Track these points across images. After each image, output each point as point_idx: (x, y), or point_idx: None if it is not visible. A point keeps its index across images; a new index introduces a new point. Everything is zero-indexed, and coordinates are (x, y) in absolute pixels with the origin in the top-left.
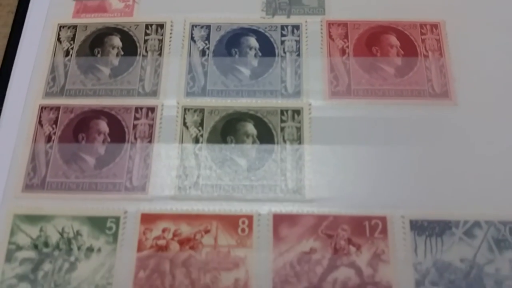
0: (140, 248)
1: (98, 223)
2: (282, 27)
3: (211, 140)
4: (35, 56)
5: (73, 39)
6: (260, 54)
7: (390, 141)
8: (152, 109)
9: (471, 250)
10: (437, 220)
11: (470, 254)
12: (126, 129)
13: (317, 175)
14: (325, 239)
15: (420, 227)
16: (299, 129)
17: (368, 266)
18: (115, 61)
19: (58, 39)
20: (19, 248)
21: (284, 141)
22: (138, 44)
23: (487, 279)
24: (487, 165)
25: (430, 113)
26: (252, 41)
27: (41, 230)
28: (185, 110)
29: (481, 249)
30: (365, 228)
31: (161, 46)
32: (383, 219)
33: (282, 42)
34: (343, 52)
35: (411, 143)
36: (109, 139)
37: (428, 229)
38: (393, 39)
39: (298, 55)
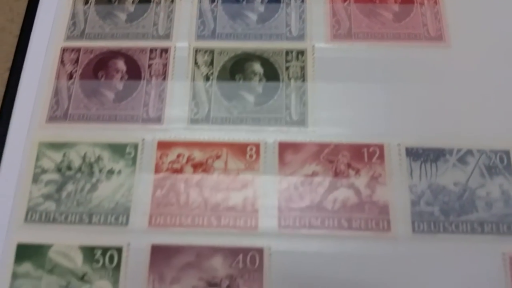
0: (157, 171)
1: (118, 149)
2: None
3: (220, 78)
4: (56, 4)
5: None
6: (266, 0)
7: (388, 79)
8: (165, 50)
9: (464, 175)
10: (431, 148)
11: (463, 179)
12: (142, 68)
13: (319, 109)
14: (327, 164)
15: (415, 154)
16: (302, 68)
17: (366, 187)
18: (131, 8)
19: None
20: (44, 171)
21: (289, 79)
22: None
23: (478, 201)
24: (479, 99)
25: (426, 54)
26: None
27: (64, 155)
28: (196, 51)
29: (473, 175)
30: (364, 155)
31: None
32: (381, 147)
33: None
34: None
35: (408, 81)
36: (126, 77)
37: (423, 156)
38: None
39: (302, 1)
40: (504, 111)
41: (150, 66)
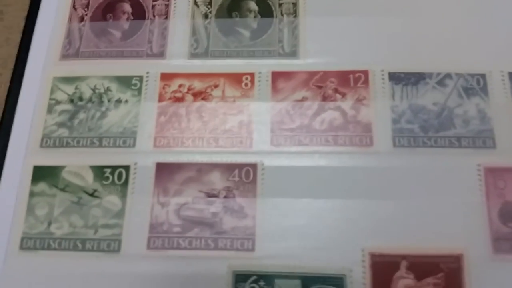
0: (160, 99)
1: (125, 81)
2: None
3: (218, 15)
4: None
5: None
6: None
7: (372, 12)
8: None
9: (443, 96)
10: (413, 72)
11: (442, 99)
12: (146, 9)
13: (310, 41)
14: (315, 90)
15: (397, 78)
16: (295, 4)
17: (351, 109)
18: None
19: None
20: (58, 102)
21: (282, 15)
22: None
23: (456, 119)
24: (457, 28)
25: None
26: None
27: (76, 88)
28: None
29: (452, 95)
30: (350, 80)
31: None
32: (366, 72)
33: None
34: None
35: (391, 13)
36: (132, 17)
37: (404, 80)
38: None
39: None
40: (481, 38)
41: (153, 7)
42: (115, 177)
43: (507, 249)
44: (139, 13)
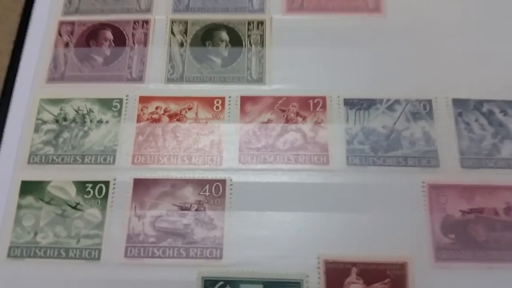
0: (139, 120)
1: (106, 103)
2: None
3: (193, 44)
4: None
5: None
6: None
7: (332, 44)
8: (146, 22)
9: (392, 120)
10: (365, 98)
11: (390, 123)
12: (126, 37)
13: (275, 69)
14: (279, 113)
15: (351, 103)
16: (262, 36)
17: (310, 131)
18: None
19: None
20: (44, 122)
21: (250, 45)
22: None
23: (403, 140)
24: (405, 59)
25: (364, 22)
26: None
27: (61, 109)
28: (172, 22)
29: (400, 119)
30: (310, 105)
31: None
32: (324, 98)
33: None
34: None
35: (348, 45)
36: (113, 44)
37: (358, 105)
38: None
39: None
40: (428, 67)
41: (133, 35)
42: (96, 191)
43: (447, 258)
44: (120, 41)
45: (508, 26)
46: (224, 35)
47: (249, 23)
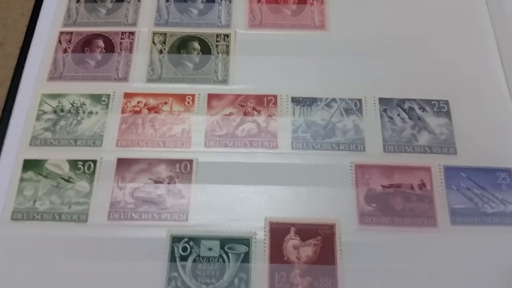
0: (123, 112)
1: (96, 98)
2: None
3: (170, 51)
4: (56, 3)
5: None
6: (204, 0)
7: (283, 53)
8: (132, 33)
9: (329, 114)
10: (308, 97)
11: (328, 116)
12: (115, 45)
13: (237, 73)
14: (239, 107)
15: (297, 101)
16: (227, 46)
17: (264, 122)
18: (110, 5)
19: None
20: (44, 113)
21: (218, 53)
22: None
23: (337, 130)
24: (341, 63)
25: (311, 38)
26: None
27: (59, 102)
28: (154, 33)
29: (335, 114)
30: (264, 101)
31: None
32: (275, 96)
33: None
34: (258, 1)
35: (296, 55)
36: (104, 51)
37: (302, 102)
38: None
39: (230, 1)
40: (359, 73)
41: (121, 43)
42: (85, 168)
43: (369, 222)
44: (109, 48)
45: (423, 42)
46: (196, 45)
47: (217, 36)
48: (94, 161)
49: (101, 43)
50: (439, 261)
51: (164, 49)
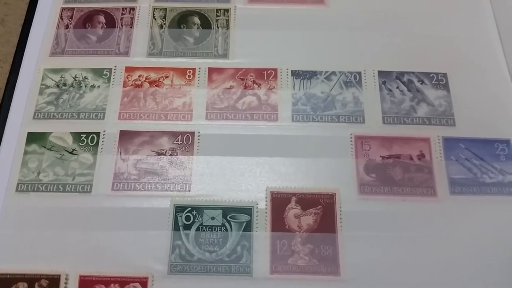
0: (124, 85)
1: (98, 72)
2: None
3: (170, 26)
4: None
5: None
6: None
7: (282, 28)
8: (133, 8)
9: (328, 87)
10: (308, 70)
11: (327, 89)
12: (116, 20)
13: (237, 47)
14: (239, 81)
15: (297, 74)
16: (227, 21)
17: (264, 95)
18: None
19: None
20: (47, 87)
21: (218, 28)
22: None
23: (337, 103)
24: (341, 37)
25: (310, 12)
26: None
27: (61, 76)
28: (154, 9)
29: (335, 87)
30: (264, 75)
31: None
32: (275, 70)
33: None
34: None
35: (296, 29)
36: (105, 26)
37: (302, 75)
38: None
39: None
40: (359, 46)
41: (122, 19)
42: (89, 140)
43: (368, 192)
44: (110, 23)
45: (422, 16)
46: (196, 19)
47: (217, 11)
48: (97, 134)
49: (102, 18)
50: (438, 230)
51: (165, 24)
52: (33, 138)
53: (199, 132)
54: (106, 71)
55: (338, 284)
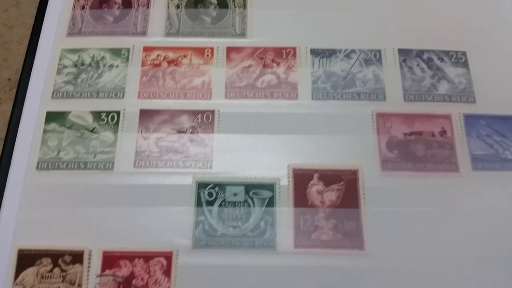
0: (143, 65)
1: (116, 52)
2: None
3: (187, 6)
4: None
5: None
6: None
7: (301, 7)
8: None
9: (348, 65)
10: (327, 48)
11: (347, 67)
12: (132, 1)
13: (255, 26)
14: (258, 60)
15: (316, 52)
16: (244, 0)
17: (283, 73)
18: None
19: None
20: (65, 67)
21: (235, 7)
22: None
23: (357, 81)
24: (360, 15)
25: None
26: None
27: (79, 56)
28: None
29: (355, 65)
30: (283, 54)
31: None
32: (294, 48)
33: None
34: None
35: (313, 7)
36: (122, 7)
37: (321, 53)
38: None
39: None
40: (379, 22)
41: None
42: (109, 118)
43: (391, 168)
44: (127, 4)
45: None
46: None
47: None
48: (118, 112)
49: None
50: (460, 205)
51: (181, 4)
52: (52, 117)
53: (219, 111)
54: (124, 51)
55: (363, 258)
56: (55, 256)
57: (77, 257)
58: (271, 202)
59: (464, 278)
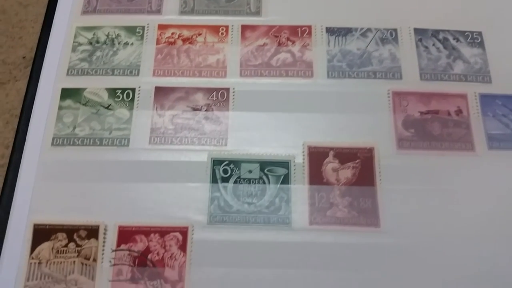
0: (158, 43)
1: (131, 29)
2: None
3: None
4: None
5: None
6: None
7: None
8: None
9: (364, 44)
10: (343, 27)
11: (363, 46)
12: None
13: (269, 4)
14: (273, 38)
15: (332, 31)
16: None
17: (298, 52)
18: None
19: None
20: (80, 44)
21: None
22: None
23: (373, 59)
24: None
25: None
26: None
27: (94, 34)
28: None
29: (371, 44)
30: (298, 32)
31: None
32: (309, 27)
33: None
34: None
35: None
36: None
37: (337, 32)
38: None
39: None
40: (393, 3)
41: None
42: (124, 95)
43: (407, 146)
44: None
45: None
46: None
47: None
48: (133, 89)
49: None
50: (476, 183)
51: None
52: (67, 93)
53: (234, 89)
54: (139, 28)
55: (378, 235)
56: (71, 231)
57: (92, 232)
58: (286, 180)
59: (478, 255)
